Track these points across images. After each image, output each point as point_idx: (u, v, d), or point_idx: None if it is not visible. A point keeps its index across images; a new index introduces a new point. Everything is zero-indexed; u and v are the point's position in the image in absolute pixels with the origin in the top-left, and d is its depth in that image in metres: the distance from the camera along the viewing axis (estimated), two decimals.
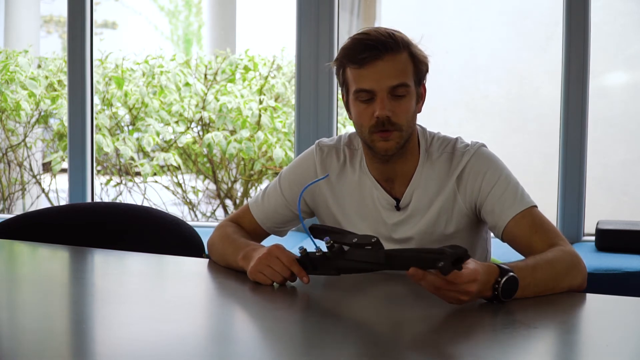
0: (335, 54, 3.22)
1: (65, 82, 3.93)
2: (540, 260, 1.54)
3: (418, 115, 1.75)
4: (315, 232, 1.58)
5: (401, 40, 1.67)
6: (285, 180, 1.86)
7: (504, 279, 1.42)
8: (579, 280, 1.58)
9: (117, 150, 4.29)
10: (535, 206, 1.71)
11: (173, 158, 4.30)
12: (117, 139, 4.27)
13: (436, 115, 4.10)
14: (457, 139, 1.79)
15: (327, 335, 1.32)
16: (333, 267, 1.53)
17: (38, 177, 4.56)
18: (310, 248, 1.57)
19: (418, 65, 1.70)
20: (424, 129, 1.81)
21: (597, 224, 3.06)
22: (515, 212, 1.68)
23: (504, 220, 1.69)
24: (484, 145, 1.78)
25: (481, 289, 1.40)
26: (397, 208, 1.76)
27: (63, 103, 4.20)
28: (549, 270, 1.52)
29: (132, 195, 4.47)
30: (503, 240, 1.72)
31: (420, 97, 1.74)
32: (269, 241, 1.89)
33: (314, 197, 1.83)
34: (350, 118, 1.75)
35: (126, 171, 4.47)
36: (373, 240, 1.44)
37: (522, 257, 1.69)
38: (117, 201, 4.41)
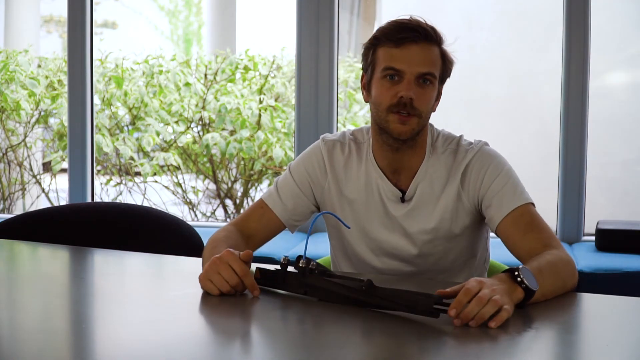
0: (336, 54, 3.25)
1: (65, 82, 3.93)
2: (543, 262, 1.53)
3: None
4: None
5: (439, 35, 1.72)
6: (295, 171, 1.85)
7: (519, 270, 1.40)
8: (575, 282, 1.59)
9: (116, 150, 4.29)
10: (533, 204, 1.71)
11: (173, 158, 4.30)
12: (117, 139, 4.27)
13: (436, 115, 4.09)
14: (460, 136, 1.82)
15: (328, 335, 1.32)
16: (304, 285, 1.48)
17: (38, 177, 4.56)
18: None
19: (446, 64, 1.73)
20: (431, 125, 1.83)
21: (597, 224, 3.06)
22: (512, 207, 1.69)
23: (501, 214, 1.70)
24: (486, 144, 1.80)
25: (507, 289, 1.37)
26: (402, 200, 1.77)
27: (63, 103, 4.20)
28: (554, 274, 1.52)
29: (132, 195, 4.47)
30: (497, 234, 1.72)
31: (438, 96, 1.76)
32: (267, 243, 1.89)
33: (322, 192, 1.84)
34: (366, 100, 1.76)
35: (126, 171, 4.47)
36: (364, 279, 1.41)
37: (513, 257, 1.70)
38: (117, 201, 4.41)
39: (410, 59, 1.67)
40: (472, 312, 1.30)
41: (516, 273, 1.40)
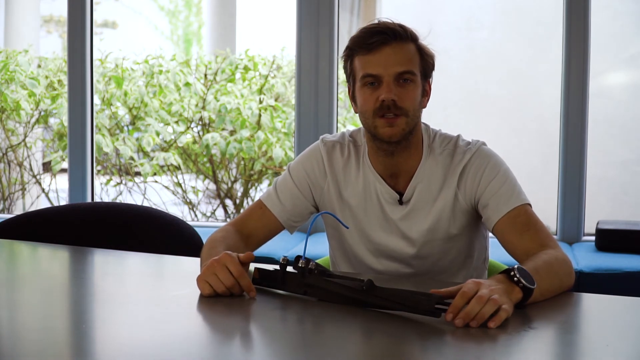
0: (335, 54, 3.25)
1: (65, 82, 3.93)
2: (539, 262, 1.53)
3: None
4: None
5: (410, 31, 1.71)
6: (295, 172, 1.85)
7: (514, 270, 1.40)
8: (572, 281, 1.59)
9: (116, 150, 4.29)
10: (530, 205, 1.71)
11: (173, 158, 4.30)
12: (117, 139, 4.27)
13: (436, 115, 4.10)
14: (458, 136, 1.81)
15: (328, 335, 1.32)
16: (303, 285, 1.49)
17: (38, 177, 4.56)
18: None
19: (425, 58, 1.72)
20: (427, 126, 1.82)
21: (597, 224, 3.07)
22: (510, 208, 1.69)
23: (498, 214, 1.70)
24: (484, 144, 1.80)
25: (505, 289, 1.37)
26: (400, 202, 1.77)
27: (63, 103, 4.20)
28: (551, 273, 1.52)
29: (132, 195, 4.47)
30: (494, 234, 1.73)
31: (426, 93, 1.75)
32: (267, 243, 1.89)
33: (321, 193, 1.84)
34: (356, 111, 1.76)
35: (126, 171, 4.47)
36: (364, 279, 1.42)
37: (509, 256, 1.70)
38: (117, 201, 4.41)
39: (385, 62, 1.67)
40: (472, 311, 1.29)
41: (512, 273, 1.40)
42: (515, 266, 1.42)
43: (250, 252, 1.55)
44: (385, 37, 1.67)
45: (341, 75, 3.82)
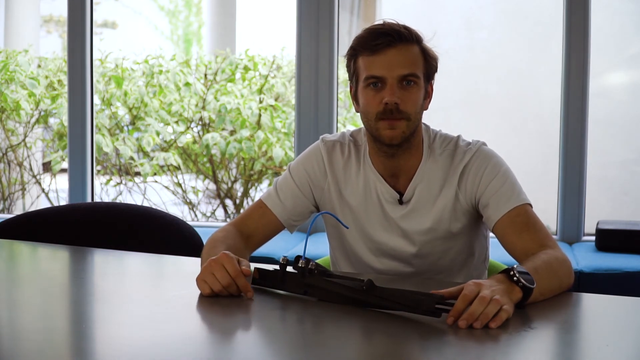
0: (336, 54, 3.25)
1: (65, 82, 3.93)
2: (539, 261, 1.53)
3: None
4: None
5: (414, 33, 1.71)
6: (295, 172, 1.86)
7: (514, 269, 1.40)
8: (572, 281, 1.59)
9: (116, 150, 4.29)
10: (530, 205, 1.72)
11: (173, 158, 4.30)
12: (117, 139, 4.27)
13: (436, 115, 4.09)
14: (458, 137, 1.81)
15: (328, 335, 1.32)
16: (303, 285, 1.49)
17: (38, 177, 4.56)
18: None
19: (429, 61, 1.72)
20: (427, 126, 1.82)
21: (597, 224, 3.07)
22: (510, 207, 1.69)
23: (498, 214, 1.70)
24: (484, 144, 1.80)
25: (505, 289, 1.37)
26: (400, 202, 1.77)
27: (63, 103, 4.20)
28: (550, 273, 1.52)
29: (132, 195, 4.47)
30: (494, 233, 1.73)
31: (427, 95, 1.75)
32: (267, 243, 1.89)
33: (322, 193, 1.84)
34: (357, 110, 1.77)
35: (126, 171, 4.47)
36: (364, 279, 1.42)
37: (509, 257, 1.70)
38: (117, 201, 4.41)
39: (389, 64, 1.67)
40: (476, 312, 1.29)
41: (512, 273, 1.40)
42: (515, 266, 1.42)
43: (248, 267, 1.53)
44: (391, 39, 1.67)
45: (341, 75, 3.82)
